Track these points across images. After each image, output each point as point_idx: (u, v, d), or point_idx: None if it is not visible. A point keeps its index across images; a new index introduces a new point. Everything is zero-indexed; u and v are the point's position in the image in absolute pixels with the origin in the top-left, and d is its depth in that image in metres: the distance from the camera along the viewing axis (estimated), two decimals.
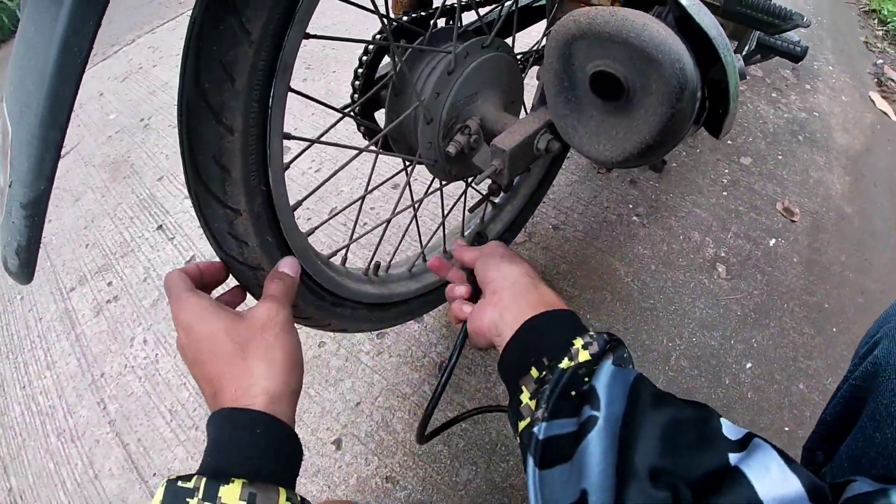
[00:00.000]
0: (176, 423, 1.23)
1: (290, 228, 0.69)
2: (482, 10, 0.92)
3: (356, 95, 0.81)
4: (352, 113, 0.79)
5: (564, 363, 0.53)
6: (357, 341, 1.30)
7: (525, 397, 0.55)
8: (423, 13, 0.84)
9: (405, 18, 0.82)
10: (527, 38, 1.21)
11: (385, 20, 0.69)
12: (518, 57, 0.93)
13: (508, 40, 0.91)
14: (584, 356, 0.54)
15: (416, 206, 0.91)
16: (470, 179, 0.99)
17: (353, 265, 0.93)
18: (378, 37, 0.81)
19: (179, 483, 0.44)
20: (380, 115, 0.89)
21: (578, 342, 0.55)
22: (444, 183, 0.94)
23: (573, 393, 0.52)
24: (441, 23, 0.88)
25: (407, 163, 0.89)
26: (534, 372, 0.55)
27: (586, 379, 0.52)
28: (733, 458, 0.43)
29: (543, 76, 0.69)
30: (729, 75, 0.60)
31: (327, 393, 1.21)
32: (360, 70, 0.79)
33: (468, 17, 0.86)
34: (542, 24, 1.10)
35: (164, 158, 2.03)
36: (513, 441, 1.09)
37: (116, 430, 1.26)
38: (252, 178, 0.60)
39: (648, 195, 1.58)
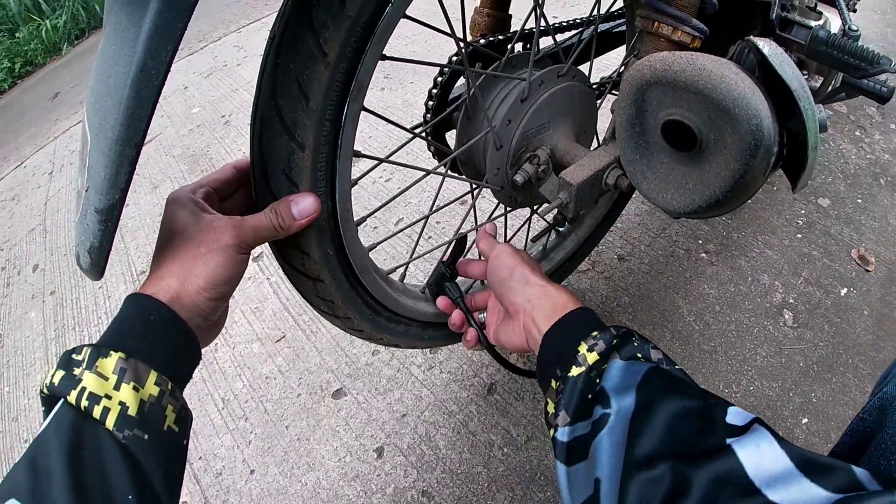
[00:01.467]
0: (227, 412, 1.28)
1: (351, 243, 0.70)
2: (561, 36, 0.92)
3: (429, 115, 0.82)
4: (422, 134, 0.80)
5: (573, 371, 0.58)
6: (410, 354, 1.31)
7: (550, 408, 0.59)
8: (500, 37, 0.85)
9: (482, 42, 0.83)
10: (605, 60, 1.19)
11: (461, 43, 0.69)
12: (594, 85, 0.92)
13: (585, 66, 0.90)
14: (592, 358, 0.58)
15: (479, 228, 0.91)
16: (536, 207, 0.99)
17: (414, 278, 0.94)
18: (454, 60, 0.82)
19: (73, 355, 0.46)
20: (451, 136, 0.90)
21: (583, 347, 0.59)
22: (508, 209, 0.93)
23: (589, 396, 0.56)
24: (518, 47, 0.89)
25: (473, 186, 0.89)
26: (553, 384, 0.60)
27: (598, 381, 0.56)
28: (730, 440, 0.46)
29: (616, 119, 0.68)
30: (808, 130, 0.57)
31: (375, 401, 1.23)
32: (435, 91, 0.80)
33: (545, 42, 0.86)
34: (621, 49, 1.09)
35: (241, 156, 2.09)
36: (552, 472, 1.08)
37: None
38: (319, 193, 0.61)
39: (719, 231, 1.53)
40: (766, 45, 0.59)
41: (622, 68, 0.98)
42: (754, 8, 0.89)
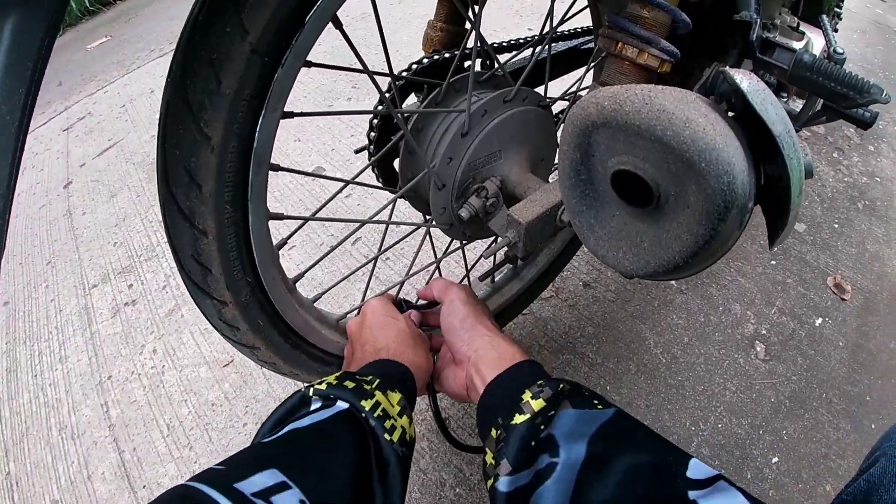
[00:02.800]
0: (172, 440, 1.21)
1: (286, 306, 0.67)
2: (523, 54, 0.86)
3: (372, 147, 0.76)
4: (365, 175, 0.75)
5: (517, 418, 0.55)
6: None
7: (489, 458, 0.57)
8: (446, 55, 0.78)
9: (427, 60, 0.77)
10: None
11: (390, 79, 0.63)
12: (551, 107, 0.85)
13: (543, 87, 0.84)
14: (537, 405, 0.56)
15: (437, 265, 0.85)
16: (490, 243, 0.93)
17: None
18: (387, 92, 0.76)
19: (357, 376, 0.59)
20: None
21: (527, 395, 0.57)
22: (464, 242, 0.87)
23: (532, 444, 0.54)
24: (478, 65, 0.82)
25: (424, 219, 0.83)
26: (493, 433, 0.58)
27: (542, 427, 0.54)
28: (693, 494, 0.44)
29: (559, 164, 0.60)
30: (792, 182, 0.48)
31: None
32: (375, 121, 0.74)
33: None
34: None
35: None
36: None
37: (115, 435, 1.25)
38: (235, 272, 0.58)
39: None
40: (746, 80, 0.50)
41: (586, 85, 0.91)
42: (733, 28, 0.82)
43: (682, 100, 0.48)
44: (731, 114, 0.53)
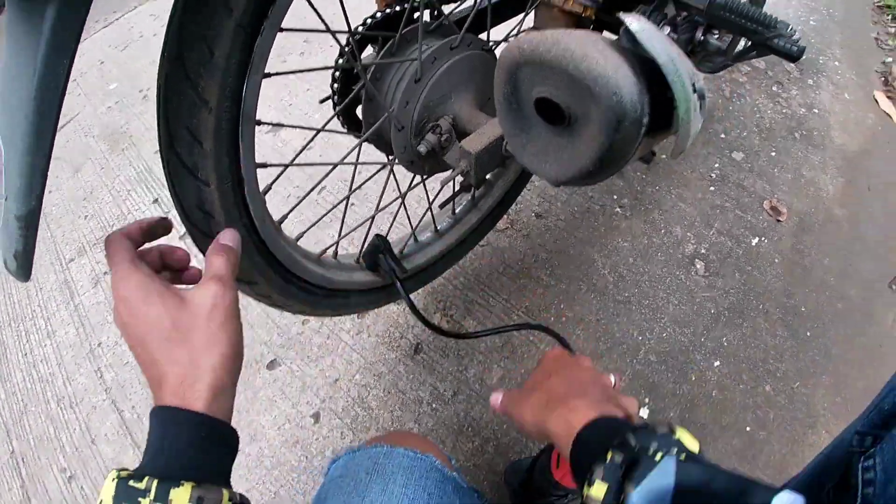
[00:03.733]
0: None
1: (276, 245, 0.78)
2: (464, 3, 0.94)
3: (336, 98, 0.84)
4: (330, 122, 0.82)
5: None
6: (339, 320, 1.34)
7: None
8: (397, 9, 0.84)
9: (380, 14, 0.83)
10: None
11: (349, 34, 0.72)
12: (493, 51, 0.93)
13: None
14: (598, 490, 0.46)
15: (402, 199, 0.94)
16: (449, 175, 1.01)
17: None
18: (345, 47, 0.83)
19: (131, 483, 0.43)
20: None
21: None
22: (425, 177, 0.97)
23: None
24: (426, 15, 0.89)
25: (388, 159, 0.91)
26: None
27: None
28: None
29: (494, 96, 0.72)
30: (678, 101, 0.59)
31: (308, 369, 1.26)
32: (337, 73, 0.81)
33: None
34: None
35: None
36: (479, 423, 1.14)
37: (112, 397, 1.30)
38: (232, 216, 0.68)
39: (634, 186, 1.58)
40: (636, 22, 0.60)
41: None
42: None
43: (584, 40, 0.60)
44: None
